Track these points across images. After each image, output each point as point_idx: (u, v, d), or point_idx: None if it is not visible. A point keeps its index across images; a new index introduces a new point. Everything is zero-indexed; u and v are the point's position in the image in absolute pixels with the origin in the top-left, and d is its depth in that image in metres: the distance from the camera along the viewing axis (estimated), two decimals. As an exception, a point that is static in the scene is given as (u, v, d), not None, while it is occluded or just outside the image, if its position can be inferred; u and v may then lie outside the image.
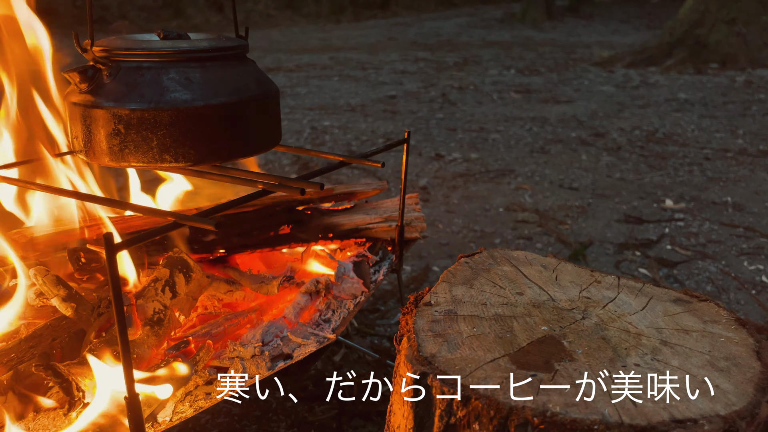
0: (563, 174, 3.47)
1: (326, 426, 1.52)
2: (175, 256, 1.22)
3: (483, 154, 3.83)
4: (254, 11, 12.41)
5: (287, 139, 4.12)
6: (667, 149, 3.91)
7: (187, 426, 1.52)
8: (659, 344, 0.85)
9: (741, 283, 2.23)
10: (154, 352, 1.12)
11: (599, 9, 14.45)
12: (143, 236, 0.81)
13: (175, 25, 10.72)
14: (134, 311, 1.12)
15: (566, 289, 1.01)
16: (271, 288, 1.31)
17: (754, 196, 3.11)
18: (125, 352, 0.81)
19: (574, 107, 5.06)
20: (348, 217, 1.51)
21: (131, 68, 0.99)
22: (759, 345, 0.85)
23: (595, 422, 0.70)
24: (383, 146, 1.26)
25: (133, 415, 0.85)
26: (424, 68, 6.95)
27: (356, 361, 1.78)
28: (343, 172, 3.46)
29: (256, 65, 1.14)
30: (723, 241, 2.59)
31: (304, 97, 5.44)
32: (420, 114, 4.85)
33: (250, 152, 1.07)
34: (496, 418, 0.73)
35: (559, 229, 2.73)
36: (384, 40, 9.68)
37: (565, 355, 0.82)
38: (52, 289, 1.10)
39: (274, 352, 1.16)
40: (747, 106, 5.01)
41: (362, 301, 1.35)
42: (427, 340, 0.86)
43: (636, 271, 2.34)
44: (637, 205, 3.01)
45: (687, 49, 6.77)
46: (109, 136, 0.98)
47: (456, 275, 1.04)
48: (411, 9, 14.77)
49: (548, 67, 6.95)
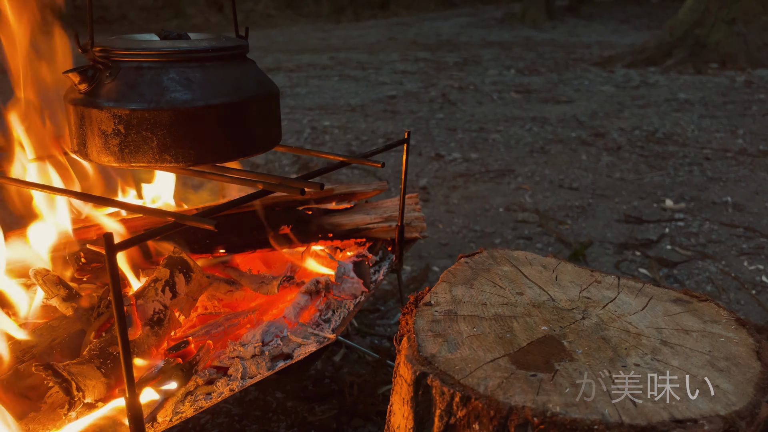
0: (563, 174, 3.47)
1: (326, 426, 1.52)
2: (175, 256, 1.22)
3: (483, 154, 3.83)
4: (254, 11, 12.41)
5: (287, 139, 4.12)
6: (667, 149, 3.91)
7: (187, 426, 1.52)
8: (659, 344, 0.85)
9: (741, 283, 2.23)
10: (154, 352, 1.12)
11: (599, 9, 14.45)
12: (143, 236, 0.81)
13: (175, 25, 10.72)
14: (134, 311, 1.12)
15: (566, 289, 1.01)
16: (271, 288, 1.31)
17: (754, 196, 3.11)
18: (125, 352, 0.81)
19: (574, 107, 5.06)
20: (348, 217, 1.51)
21: (131, 68, 0.99)
22: (759, 345, 0.85)
23: (595, 422, 0.70)
24: (383, 146, 1.26)
25: (133, 415, 0.85)
26: (424, 68, 6.95)
27: (356, 361, 1.78)
28: (343, 172, 3.46)
29: (256, 65, 1.14)
30: (723, 241, 2.59)
31: (304, 97, 5.44)
32: (420, 114, 4.85)
33: (250, 152, 1.07)
34: (496, 418, 0.73)
35: (559, 229, 2.73)
36: (384, 40, 9.68)
37: (565, 355, 0.82)
38: (52, 289, 1.10)
39: (274, 352, 1.16)
40: (747, 106, 5.01)
41: (362, 301, 1.35)
42: (427, 340, 0.86)
43: (636, 271, 2.34)
44: (637, 205, 3.01)
45: (687, 49, 6.77)
46: (109, 136, 0.98)
47: (456, 275, 1.04)
48: (411, 9, 14.77)
49: (548, 67, 6.95)
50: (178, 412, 1.02)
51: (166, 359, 1.08)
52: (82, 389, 0.99)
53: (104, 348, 1.04)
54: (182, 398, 1.05)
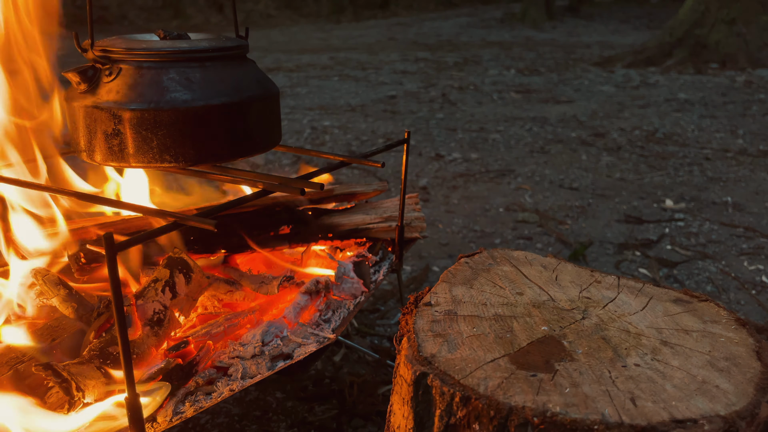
0: (563, 174, 3.47)
1: (326, 426, 1.52)
2: (176, 256, 1.22)
3: (483, 154, 3.83)
4: (254, 11, 12.41)
5: (287, 139, 4.12)
6: (667, 149, 3.91)
7: (187, 426, 1.52)
8: (659, 344, 0.85)
9: (741, 283, 2.23)
10: (154, 353, 1.12)
11: (599, 9, 14.45)
12: (143, 236, 0.81)
13: (175, 25, 10.72)
14: (134, 311, 1.12)
15: (566, 289, 1.01)
16: (271, 288, 1.31)
17: (754, 196, 3.11)
18: (125, 352, 0.81)
19: (574, 107, 5.06)
20: (348, 217, 1.51)
21: (131, 68, 0.99)
22: (759, 345, 0.85)
23: (595, 422, 0.70)
24: (383, 146, 1.26)
25: (134, 415, 0.85)
26: (424, 68, 6.95)
27: (356, 361, 1.78)
28: (343, 172, 3.46)
29: (256, 65, 1.14)
30: (723, 241, 2.59)
31: (304, 97, 5.44)
32: (420, 114, 4.85)
33: (250, 152, 1.07)
34: (496, 418, 0.73)
35: (559, 229, 2.73)
36: (384, 40, 9.68)
37: (565, 355, 0.82)
38: (52, 289, 1.10)
39: (274, 352, 1.16)
40: (747, 106, 5.01)
41: (362, 301, 1.35)
42: (427, 340, 0.86)
43: (636, 271, 2.34)
44: (637, 205, 3.01)
45: (687, 49, 6.77)
46: (109, 136, 0.98)
47: (456, 275, 1.04)
48: (411, 9, 14.78)
49: (548, 67, 6.95)
50: (178, 412, 1.02)
51: (166, 359, 1.08)
52: (82, 389, 0.99)
53: (104, 348, 1.04)
54: (182, 398, 1.05)
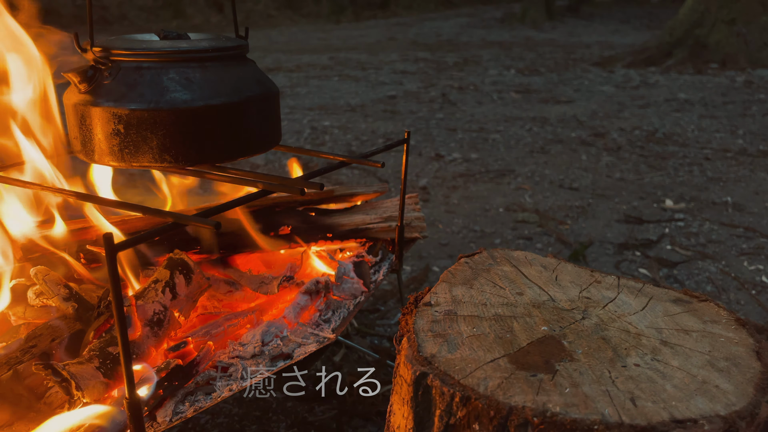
0: (563, 174, 3.47)
1: (326, 426, 1.52)
2: (176, 257, 1.22)
3: (483, 154, 3.83)
4: (254, 11, 12.41)
5: (287, 139, 4.12)
6: (667, 149, 3.91)
7: (187, 426, 1.52)
8: (659, 344, 0.85)
9: (741, 283, 2.23)
10: (154, 353, 1.12)
11: (599, 9, 14.45)
12: (143, 236, 0.81)
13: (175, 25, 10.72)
14: (134, 312, 1.12)
15: (566, 290, 1.01)
16: (271, 288, 1.31)
17: (754, 196, 3.11)
18: (125, 352, 0.81)
19: (574, 107, 5.06)
20: (348, 218, 1.51)
21: (131, 68, 0.99)
22: (759, 345, 0.85)
23: (595, 422, 0.70)
24: (383, 146, 1.26)
25: (134, 415, 0.85)
26: (424, 68, 6.95)
27: (356, 361, 1.78)
28: (343, 172, 3.46)
29: (256, 65, 1.14)
30: (723, 241, 2.59)
31: (304, 97, 5.44)
32: (420, 114, 4.85)
33: (250, 152, 1.07)
34: (496, 418, 0.73)
35: (559, 229, 2.73)
36: (384, 40, 9.68)
37: (565, 355, 0.82)
38: (52, 289, 1.10)
39: (274, 352, 1.16)
40: (747, 106, 5.01)
41: (362, 301, 1.35)
42: (427, 341, 0.86)
43: (636, 271, 2.34)
44: (637, 205, 3.01)
45: (687, 49, 6.77)
46: (109, 137, 0.98)
47: (456, 275, 1.04)
48: (411, 9, 14.77)
49: (548, 67, 6.95)
50: (178, 412, 1.02)
51: (166, 360, 1.08)
52: (81, 389, 0.99)
53: (104, 348, 1.04)
54: (182, 398, 1.05)
